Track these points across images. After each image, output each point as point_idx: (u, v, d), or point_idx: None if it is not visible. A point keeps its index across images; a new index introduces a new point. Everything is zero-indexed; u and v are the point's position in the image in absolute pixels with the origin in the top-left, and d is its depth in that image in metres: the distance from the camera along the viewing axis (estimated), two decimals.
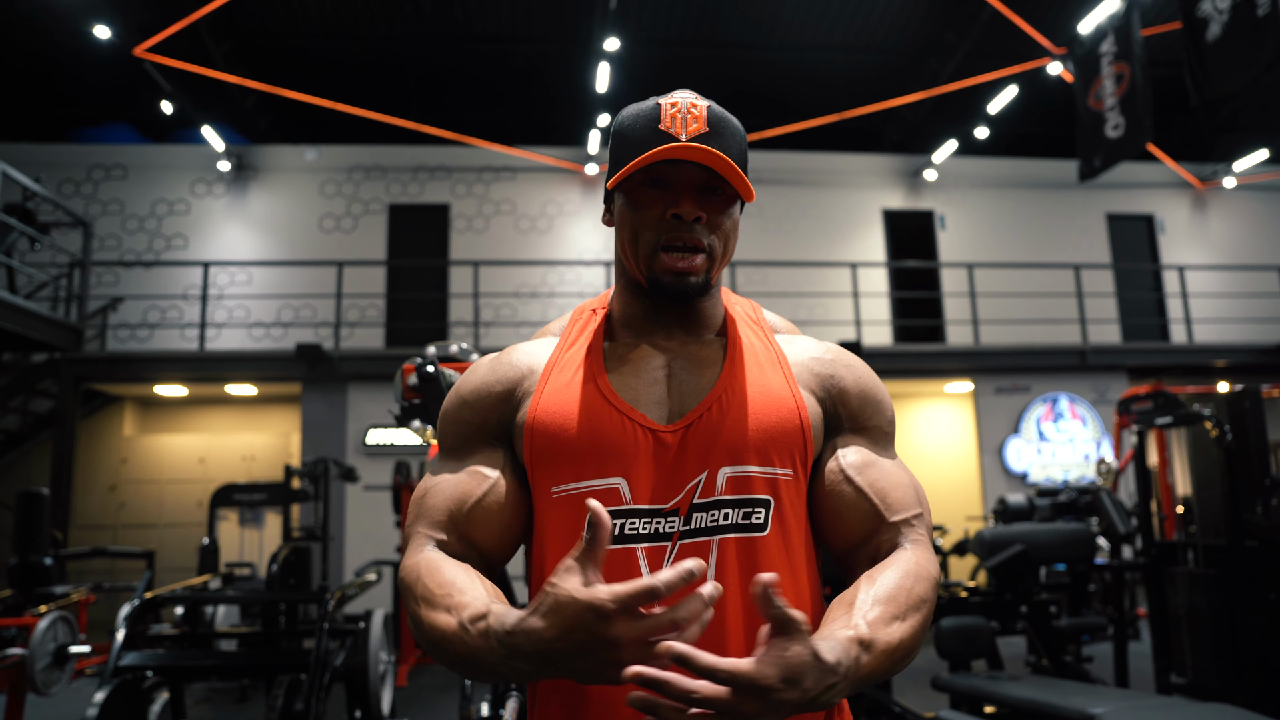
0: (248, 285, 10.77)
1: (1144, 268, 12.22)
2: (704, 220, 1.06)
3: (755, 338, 1.16)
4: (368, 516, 9.26)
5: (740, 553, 1.01)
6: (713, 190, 1.07)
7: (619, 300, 1.17)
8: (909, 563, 1.00)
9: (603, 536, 0.83)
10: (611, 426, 1.04)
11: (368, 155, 11.34)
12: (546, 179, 11.46)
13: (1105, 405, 10.57)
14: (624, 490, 1.02)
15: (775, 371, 1.11)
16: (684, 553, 1.00)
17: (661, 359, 1.11)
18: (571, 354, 1.13)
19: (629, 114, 1.11)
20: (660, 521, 1.01)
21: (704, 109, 1.07)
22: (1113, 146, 7.71)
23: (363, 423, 9.52)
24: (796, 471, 1.06)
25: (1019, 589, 4.49)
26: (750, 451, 1.03)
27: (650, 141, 1.05)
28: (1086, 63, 8.09)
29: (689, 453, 1.03)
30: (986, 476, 10.48)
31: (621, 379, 1.09)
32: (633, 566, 1.00)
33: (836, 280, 11.26)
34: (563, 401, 1.07)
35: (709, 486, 1.02)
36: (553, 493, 1.05)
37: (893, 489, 1.06)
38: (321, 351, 9.32)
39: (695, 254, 1.06)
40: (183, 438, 11.09)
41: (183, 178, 11.08)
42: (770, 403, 1.07)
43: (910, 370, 10.55)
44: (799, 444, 1.05)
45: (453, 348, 2.44)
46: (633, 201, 1.09)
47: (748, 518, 1.02)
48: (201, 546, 6.70)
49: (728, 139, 1.07)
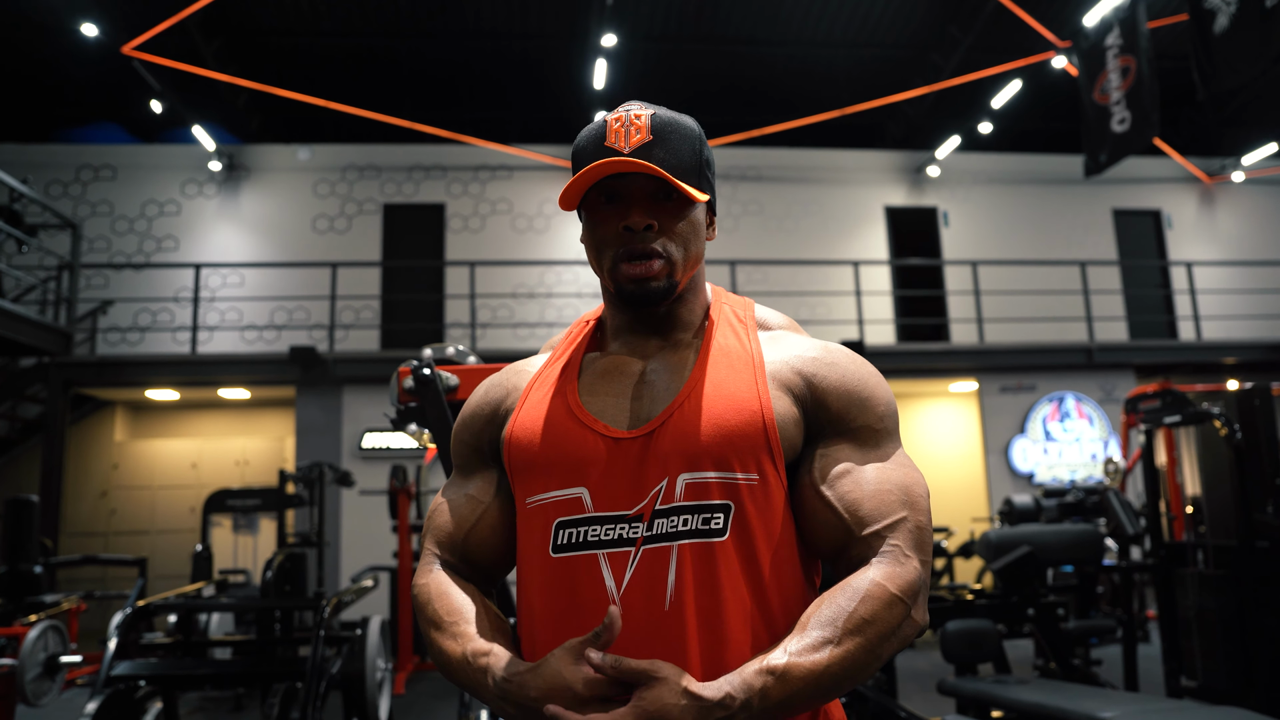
0: (240, 287, 10.76)
1: (1151, 264, 12.23)
2: (656, 228, 1.10)
3: (733, 338, 1.17)
4: (364, 521, 9.25)
5: (698, 558, 1.03)
6: (666, 196, 1.10)
7: (606, 311, 1.23)
8: (861, 581, 1.01)
9: (609, 638, 0.96)
10: (572, 438, 1.10)
11: (362, 154, 11.34)
12: (544, 178, 11.46)
13: (1112, 404, 10.58)
14: (585, 499, 1.07)
15: (744, 373, 1.11)
16: (645, 558, 1.03)
17: (639, 366, 1.16)
18: (554, 368, 1.21)
19: (582, 135, 1.16)
20: (624, 527, 1.05)
21: (647, 118, 1.11)
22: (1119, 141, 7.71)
23: (358, 426, 9.51)
24: (765, 475, 1.06)
25: (1026, 591, 4.49)
26: (706, 457, 1.05)
27: (595, 159, 1.10)
28: (1091, 56, 8.09)
29: (650, 459, 1.06)
30: (992, 477, 10.49)
31: (592, 389, 1.15)
32: (595, 572, 1.04)
33: (838, 279, 11.26)
34: (534, 417, 1.14)
35: (669, 492, 1.05)
36: (527, 503, 1.12)
37: (867, 499, 1.06)
38: (316, 354, 9.32)
39: (651, 259, 1.10)
40: (175, 443, 11.08)
41: (173, 178, 11.08)
42: (730, 405, 1.07)
43: (914, 370, 10.55)
44: (762, 447, 1.06)
45: (449, 350, 2.44)
46: (592, 219, 1.14)
47: (706, 523, 1.04)
48: (195, 553, 6.69)
49: (675, 144, 1.10)
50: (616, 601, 1.02)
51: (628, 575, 1.03)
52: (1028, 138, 12.92)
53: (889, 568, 1.02)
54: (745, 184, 11.69)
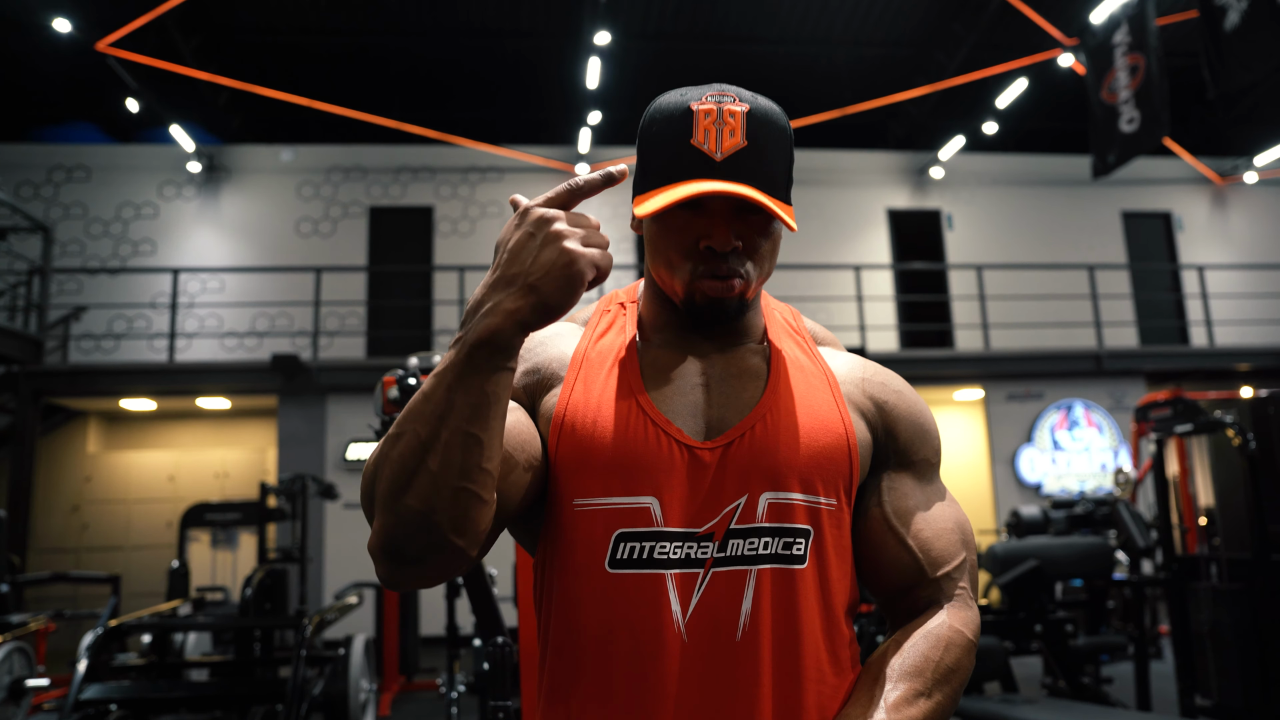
0: (220, 293, 10.74)
1: (1162, 268, 12.27)
2: (741, 249, 1.02)
3: (799, 350, 1.13)
4: (348, 536, 9.22)
5: (777, 585, 0.99)
6: (754, 209, 1.02)
7: (649, 305, 1.13)
8: (942, 628, 1.02)
9: (587, 192, 0.91)
10: (646, 440, 1.01)
11: (347, 155, 11.33)
12: (536, 180, 11.46)
13: (1122, 412, 10.60)
14: (655, 510, 0.99)
15: (823, 390, 1.08)
16: (716, 581, 0.97)
17: (698, 366, 1.07)
18: (601, 349, 1.10)
19: (658, 115, 1.04)
20: (693, 546, 0.98)
21: (741, 115, 1.01)
22: (1128, 141, 7.74)
23: (343, 437, 9.49)
24: (840, 502, 1.04)
25: (1033, 606, 4.48)
26: (794, 477, 1.01)
27: (681, 158, 0.99)
28: (1099, 54, 8.13)
29: (728, 473, 1.00)
30: (998, 488, 10.49)
31: (657, 387, 1.05)
32: (660, 594, 0.97)
33: (839, 283, 11.28)
34: (594, 406, 1.03)
35: (749, 512, 0.99)
36: (575, 505, 1.01)
37: (937, 539, 1.06)
38: (299, 362, 9.30)
39: (732, 278, 1.02)
40: (151, 454, 11.04)
41: (150, 179, 11.06)
42: (818, 424, 1.04)
43: (917, 377, 10.56)
44: (845, 472, 1.04)
45: (436, 358, 2.43)
46: (664, 225, 1.04)
47: (788, 548, 1.00)
48: (171, 570, 6.66)
49: (770, 151, 1.01)
50: (681, 628, 0.96)
51: (695, 599, 0.97)
52: (1034, 138, 12.96)
53: (963, 613, 1.04)
54: None
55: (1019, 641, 4.56)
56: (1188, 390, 8.11)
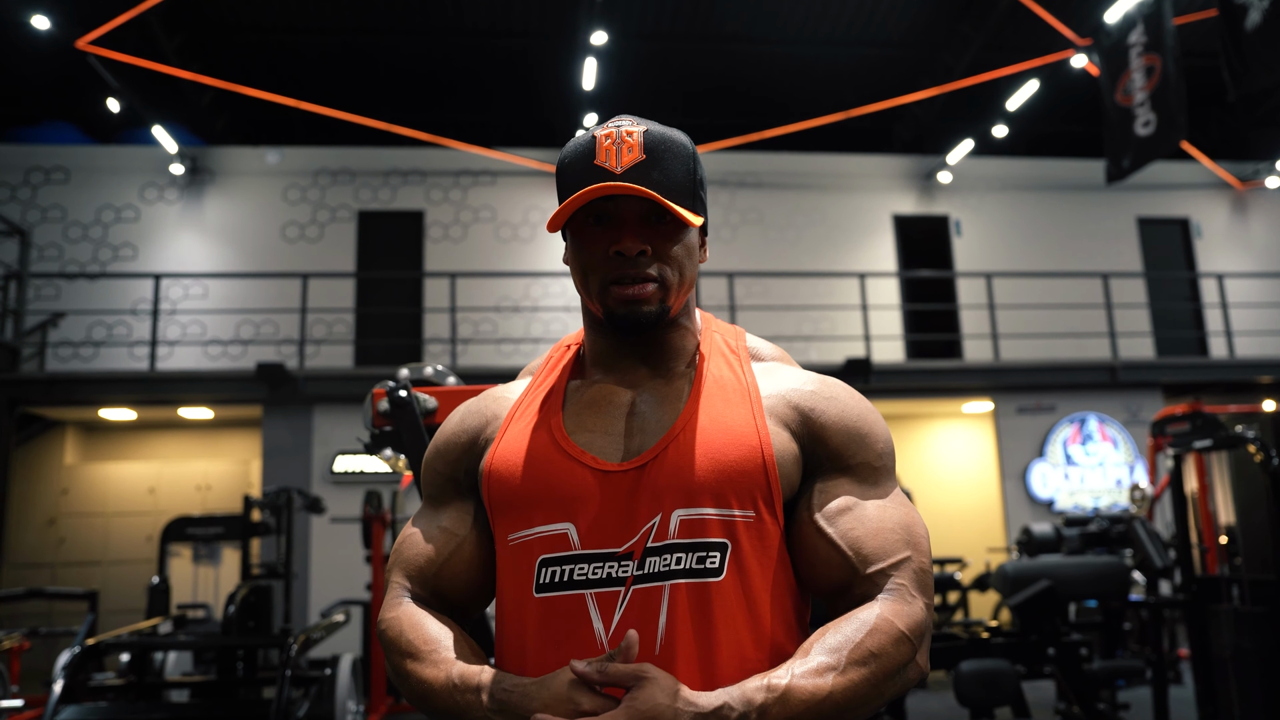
0: (203, 299, 10.73)
1: (1179, 276, 12.28)
2: (650, 252, 1.11)
3: (727, 369, 1.19)
4: (335, 552, 9.19)
5: (693, 599, 1.05)
6: (659, 217, 1.12)
7: (587, 337, 1.25)
8: (868, 615, 1.04)
9: (627, 659, 0.97)
10: (558, 470, 1.11)
11: (335, 158, 11.34)
12: (530, 184, 11.47)
13: (1138, 426, 10.59)
14: (572, 535, 1.08)
15: (741, 406, 1.14)
16: (635, 599, 1.05)
17: (628, 396, 1.18)
18: (536, 396, 1.22)
19: (568, 151, 1.17)
20: (613, 566, 1.06)
21: (639, 134, 1.12)
22: (1143, 145, 7.76)
23: (329, 449, 9.47)
24: (760, 513, 1.09)
25: (1046, 628, 4.47)
26: (704, 493, 1.07)
27: (585, 178, 1.11)
28: (1114, 54, 8.15)
29: (642, 494, 1.08)
30: (1009, 504, 10.48)
31: (579, 420, 1.16)
32: (582, 614, 1.06)
33: (843, 292, 11.28)
34: (516, 448, 1.15)
35: (662, 529, 1.06)
36: (509, 540, 1.13)
37: (870, 537, 1.09)
38: (284, 371, 9.29)
39: (645, 283, 1.11)
40: (130, 466, 11.01)
41: (131, 182, 11.06)
42: (730, 440, 1.10)
43: (924, 389, 10.56)
44: (760, 484, 1.09)
45: (427, 369, 2.43)
46: (578, 241, 1.15)
47: (701, 562, 1.06)
48: (150, 586, 6.64)
49: (669, 163, 1.12)
50: (605, 645, 1.04)
51: (617, 616, 1.05)
52: (1045, 142, 12.98)
53: (897, 605, 1.06)
54: (744, 191, 11.72)
55: (1031, 665, 4.54)
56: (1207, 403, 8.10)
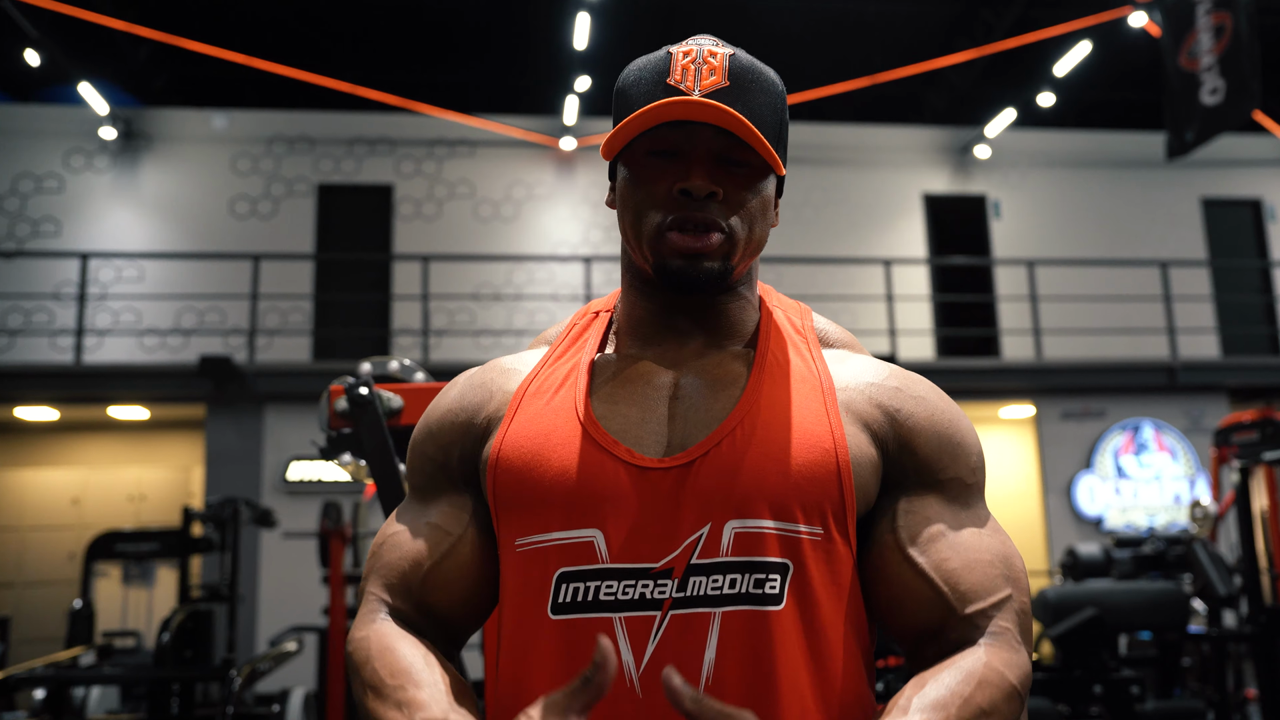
0: (139, 282, 10.70)
1: (1249, 265, 12.30)
2: (720, 196, 1.05)
3: (796, 353, 1.13)
4: (287, 571, 9.18)
5: (746, 630, 0.99)
6: (735, 161, 1.07)
7: (624, 301, 1.18)
8: (974, 664, 0.98)
9: (603, 681, 0.86)
10: (587, 463, 1.03)
11: (292, 123, 11.32)
12: (513, 155, 11.46)
13: (1200, 435, 10.60)
14: (599, 545, 1.01)
15: (812, 398, 1.08)
16: (674, 626, 0.98)
17: (670, 376, 1.10)
18: (556, 370, 1.14)
19: (634, 68, 1.12)
20: (647, 585, 0.99)
21: (724, 57, 1.06)
22: (1210, 115, 7.75)
23: (283, 454, 9.46)
24: (830, 531, 1.02)
25: (1092, 663, 4.46)
26: (764, 502, 1.01)
27: (656, 99, 1.05)
28: (1178, 12, 8.14)
29: (687, 498, 1.01)
30: (1052, 521, 10.49)
31: (612, 402, 1.08)
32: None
33: (866, 280, 11.29)
34: (532, 433, 1.07)
35: (712, 543, 1.00)
36: (518, 546, 1.05)
37: (968, 570, 1.03)
38: (232, 366, 9.27)
39: (709, 232, 1.05)
40: (51, 473, 11.00)
41: (54, 147, 11.02)
42: (798, 439, 1.03)
43: (957, 390, 10.55)
44: (832, 496, 1.02)
45: (392, 364, 2.41)
46: (635, 176, 1.09)
47: (759, 586, 0.99)
48: (72, 611, 6.61)
49: (755, 95, 1.06)
50: (635, 682, 0.98)
51: (650, 647, 0.98)
52: (1098, 111, 12.99)
53: (1004, 653, 1.00)
54: None
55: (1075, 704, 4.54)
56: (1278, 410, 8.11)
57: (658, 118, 1.02)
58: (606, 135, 1.07)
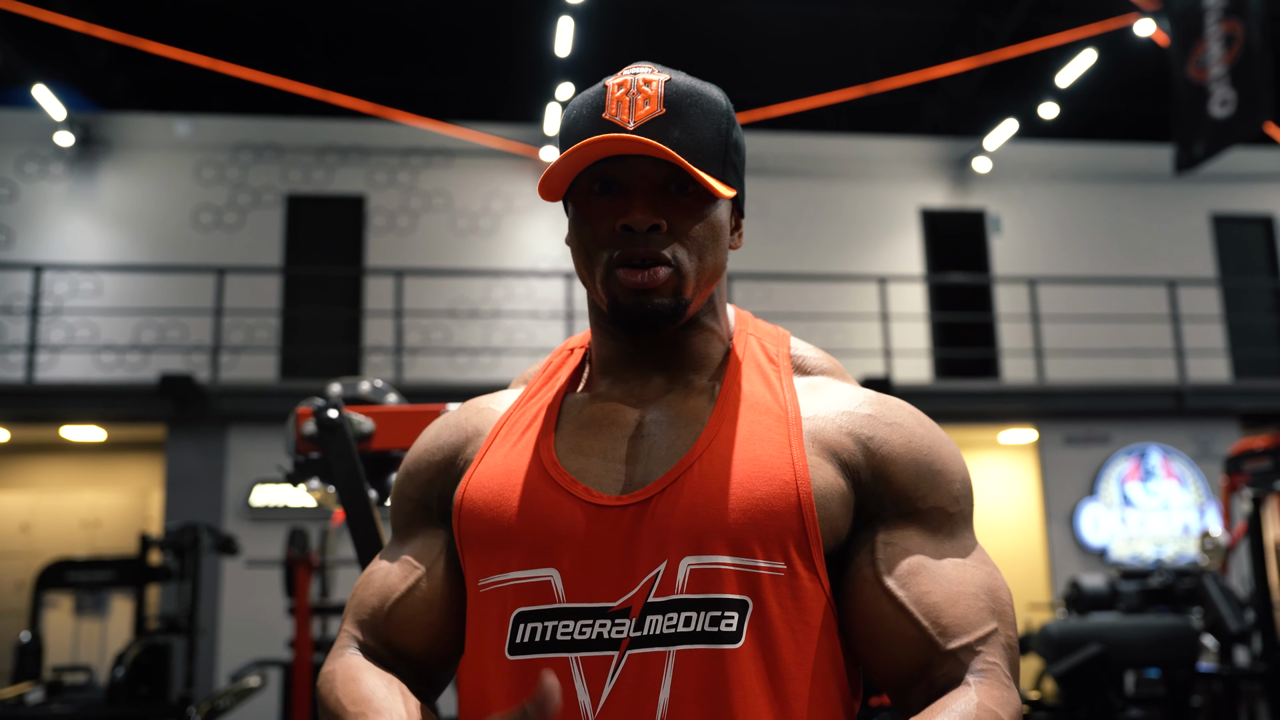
0: (96, 296, 10.65)
1: (1261, 285, 12.37)
2: (665, 228, 1.07)
3: (764, 384, 1.14)
4: (251, 601, 9.12)
5: (702, 669, 1.00)
6: (680, 188, 1.08)
7: (594, 338, 1.21)
8: (966, 706, 0.97)
9: (548, 715, 0.86)
10: (544, 503, 1.07)
11: (259, 130, 11.30)
12: (491, 165, 11.47)
13: (1210, 462, 10.64)
14: (556, 584, 1.04)
15: (775, 431, 1.08)
16: (632, 666, 1.00)
17: (635, 414, 1.13)
18: (527, 410, 1.19)
19: (574, 104, 1.14)
20: (605, 625, 1.02)
21: (659, 84, 1.09)
22: (1220, 128, 7.80)
23: (246, 478, 9.41)
24: (794, 566, 1.03)
25: (1097, 702, 4.47)
26: (720, 538, 1.02)
27: (589, 134, 1.07)
28: (1187, 20, 8.21)
29: (644, 536, 1.03)
30: (1054, 552, 10.50)
31: (575, 441, 1.12)
32: (565, 683, 1.00)
33: (860, 298, 11.31)
34: (497, 474, 1.12)
35: (668, 581, 1.02)
36: (480, 587, 1.09)
37: (951, 604, 1.03)
38: (193, 384, 9.23)
39: (655, 267, 1.07)
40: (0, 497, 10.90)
41: (7, 152, 10.99)
42: (758, 473, 1.05)
43: (955, 414, 10.58)
44: (794, 529, 1.03)
45: (363, 385, 2.40)
46: (582, 214, 1.12)
47: (715, 624, 1.01)
48: (19, 644, 6.56)
49: (694, 119, 1.08)
50: None
51: (607, 688, 1.00)
52: (1103, 123, 13.08)
53: (995, 690, 1.00)
54: (745, 179, 11.74)
55: None
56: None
57: (583, 159, 1.05)
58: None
